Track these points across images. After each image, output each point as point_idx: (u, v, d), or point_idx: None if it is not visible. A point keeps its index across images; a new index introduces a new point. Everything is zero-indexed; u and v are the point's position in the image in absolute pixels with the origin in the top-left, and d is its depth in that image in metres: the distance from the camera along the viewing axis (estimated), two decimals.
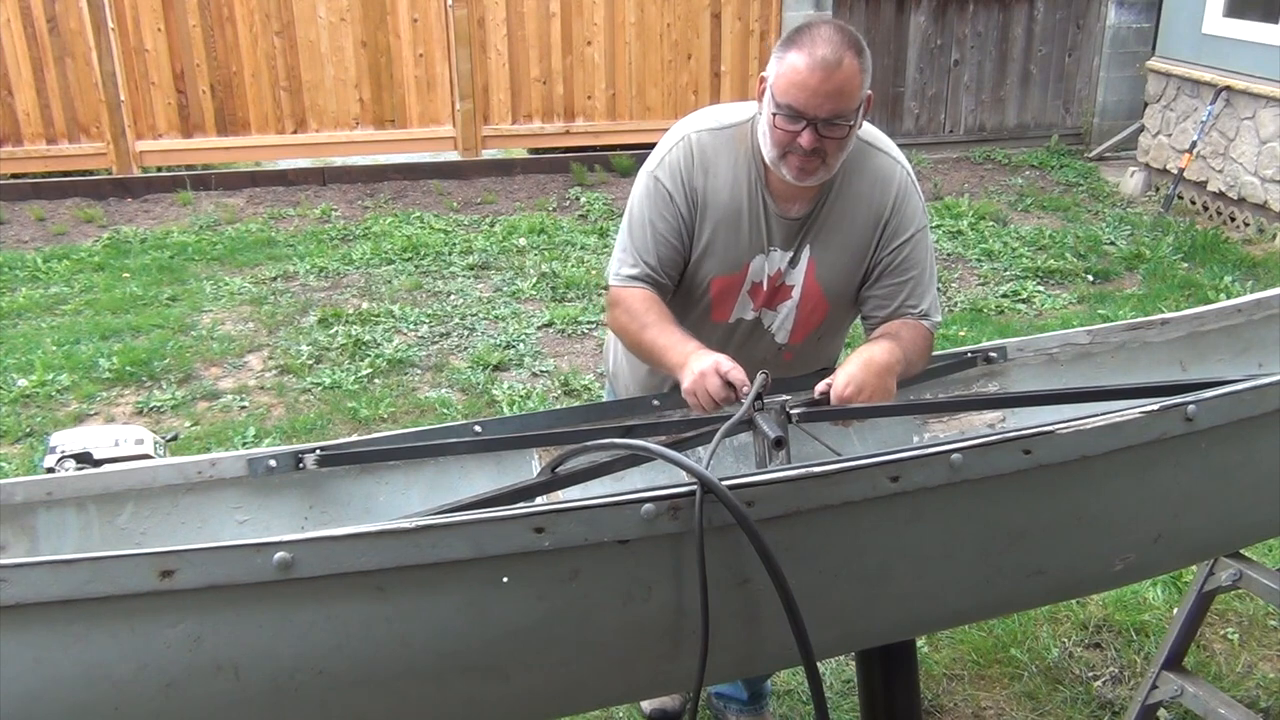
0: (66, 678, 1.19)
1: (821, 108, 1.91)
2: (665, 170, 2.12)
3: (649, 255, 2.12)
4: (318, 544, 1.22)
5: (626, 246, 2.16)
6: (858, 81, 1.94)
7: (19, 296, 5.76)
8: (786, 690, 2.89)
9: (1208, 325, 2.50)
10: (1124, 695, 2.83)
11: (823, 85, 1.90)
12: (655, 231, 2.12)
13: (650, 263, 2.12)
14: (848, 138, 1.99)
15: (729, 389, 1.90)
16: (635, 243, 2.14)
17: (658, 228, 2.12)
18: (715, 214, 2.11)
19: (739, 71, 8.39)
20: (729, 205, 2.11)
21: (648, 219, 2.12)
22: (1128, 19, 8.74)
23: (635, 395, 2.37)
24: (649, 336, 2.08)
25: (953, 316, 5.47)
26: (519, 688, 1.39)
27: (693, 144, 2.11)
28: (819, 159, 1.98)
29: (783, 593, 1.34)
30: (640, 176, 2.18)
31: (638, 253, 2.13)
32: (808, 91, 1.91)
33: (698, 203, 2.11)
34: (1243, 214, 7.04)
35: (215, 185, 7.76)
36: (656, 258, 2.12)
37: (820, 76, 1.90)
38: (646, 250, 2.12)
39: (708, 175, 2.10)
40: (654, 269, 2.13)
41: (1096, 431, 1.52)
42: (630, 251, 2.15)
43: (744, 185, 2.10)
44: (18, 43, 7.26)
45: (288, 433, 4.31)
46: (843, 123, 1.94)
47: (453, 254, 6.45)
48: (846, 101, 1.93)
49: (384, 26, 7.83)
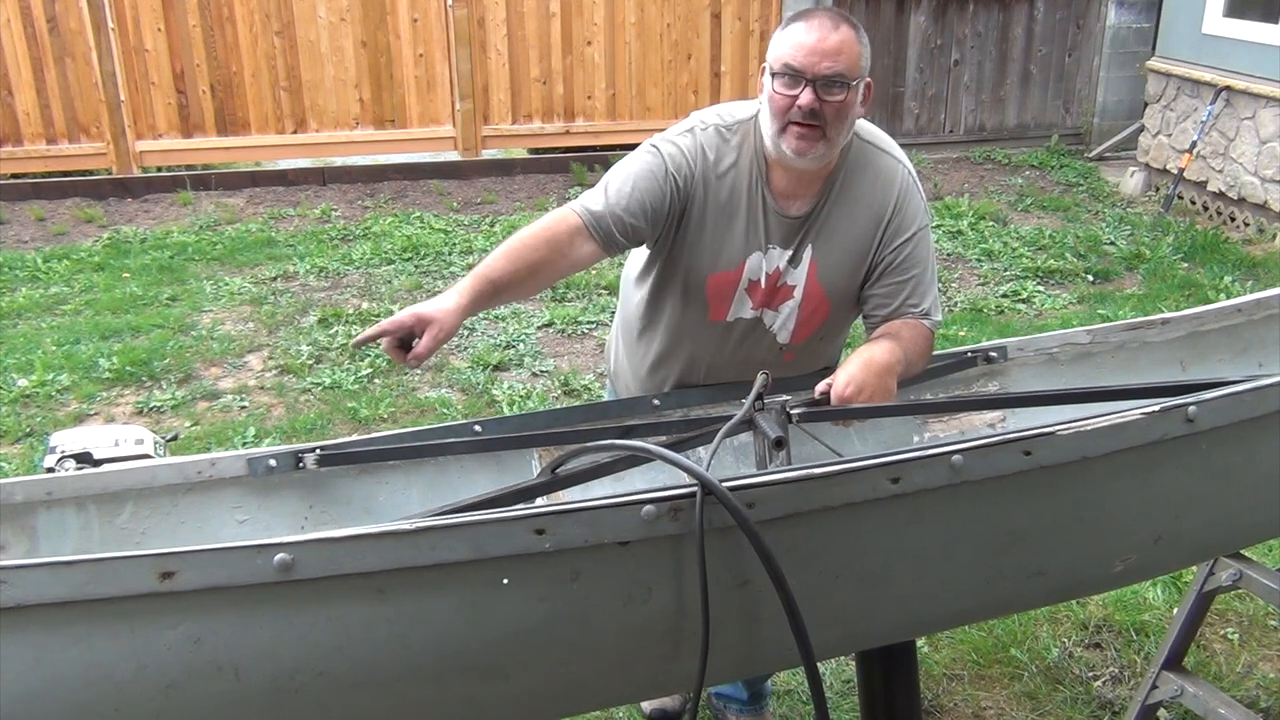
0: (66, 678, 1.19)
1: (820, 65, 1.94)
2: (668, 148, 2.10)
3: (618, 206, 2.05)
4: (318, 545, 1.22)
5: (600, 190, 2.09)
6: (856, 51, 1.97)
7: (19, 296, 5.76)
8: (786, 690, 2.89)
9: (1208, 325, 2.50)
10: (1124, 695, 2.83)
11: (820, 44, 1.94)
12: (635, 189, 2.07)
13: (616, 212, 2.05)
14: (845, 107, 1.98)
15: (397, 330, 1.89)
16: (610, 190, 2.07)
17: (637, 187, 2.06)
18: (713, 208, 2.10)
19: (739, 71, 8.39)
20: (727, 200, 2.11)
21: (632, 177, 2.08)
22: (1128, 19, 8.74)
23: (635, 395, 2.37)
24: (496, 250, 2.05)
25: (953, 316, 5.47)
26: (519, 688, 1.39)
27: (699, 136, 2.11)
28: (819, 131, 1.97)
29: (783, 594, 1.34)
30: (643, 144, 2.15)
31: (608, 198, 2.06)
32: (805, 50, 1.95)
33: (693, 193, 2.09)
34: (1243, 214, 7.04)
35: (215, 185, 7.75)
36: (625, 209, 2.06)
37: (818, 36, 1.95)
38: (619, 201, 2.06)
39: (710, 167, 2.10)
40: (615, 217, 2.05)
41: (1097, 432, 1.52)
42: (601, 194, 2.08)
43: (744, 181, 2.10)
44: (18, 43, 7.25)
45: (288, 433, 4.31)
46: (842, 83, 1.95)
47: (453, 254, 6.45)
48: (845, 63, 1.95)
49: (384, 26, 7.83)
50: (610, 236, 2.05)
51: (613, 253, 2.12)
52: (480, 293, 1.98)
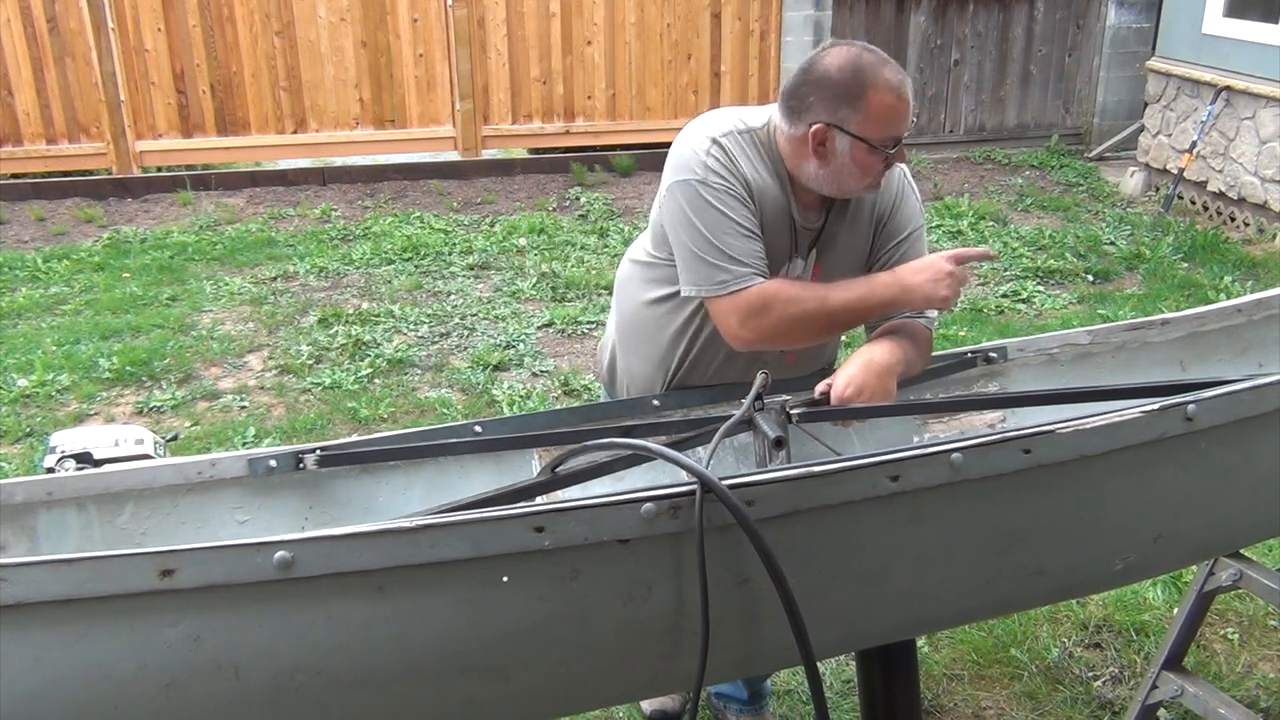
0: (66, 677, 1.19)
1: (905, 128, 2.00)
2: (712, 173, 1.99)
3: (746, 255, 1.97)
4: (318, 543, 1.22)
5: (711, 261, 1.96)
6: None
7: (19, 296, 5.76)
8: (786, 690, 2.89)
9: (1208, 325, 2.50)
10: (1124, 695, 2.83)
11: (907, 108, 1.98)
12: (736, 228, 1.98)
13: (753, 261, 1.98)
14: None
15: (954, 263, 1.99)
16: (730, 247, 1.96)
17: (735, 222, 1.97)
18: (765, 215, 2.06)
19: (739, 71, 8.39)
20: (773, 208, 2.06)
21: (721, 217, 1.97)
22: (1128, 19, 8.74)
23: (635, 394, 2.37)
24: (836, 300, 1.99)
25: (953, 316, 5.47)
26: (519, 688, 1.39)
27: (726, 146, 2.03)
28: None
29: (783, 592, 1.34)
30: (675, 194, 2.03)
31: (732, 256, 1.96)
32: (902, 115, 1.98)
33: (754, 196, 2.04)
34: (1243, 214, 7.04)
35: (215, 185, 7.76)
36: (755, 247, 1.99)
37: (908, 99, 1.98)
38: (746, 245, 1.97)
39: (751, 174, 2.04)
40: (758, 261, 1.98)
41: (1096, 431, 1.52)
42: (722, 258, 1.95)
43: (779, 191, 2.07)
44: (18, 43, 7.26)
45: (288, 433, 4.31)
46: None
47: (453, 254, 6.45)
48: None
49: (384, 26, 7.83)
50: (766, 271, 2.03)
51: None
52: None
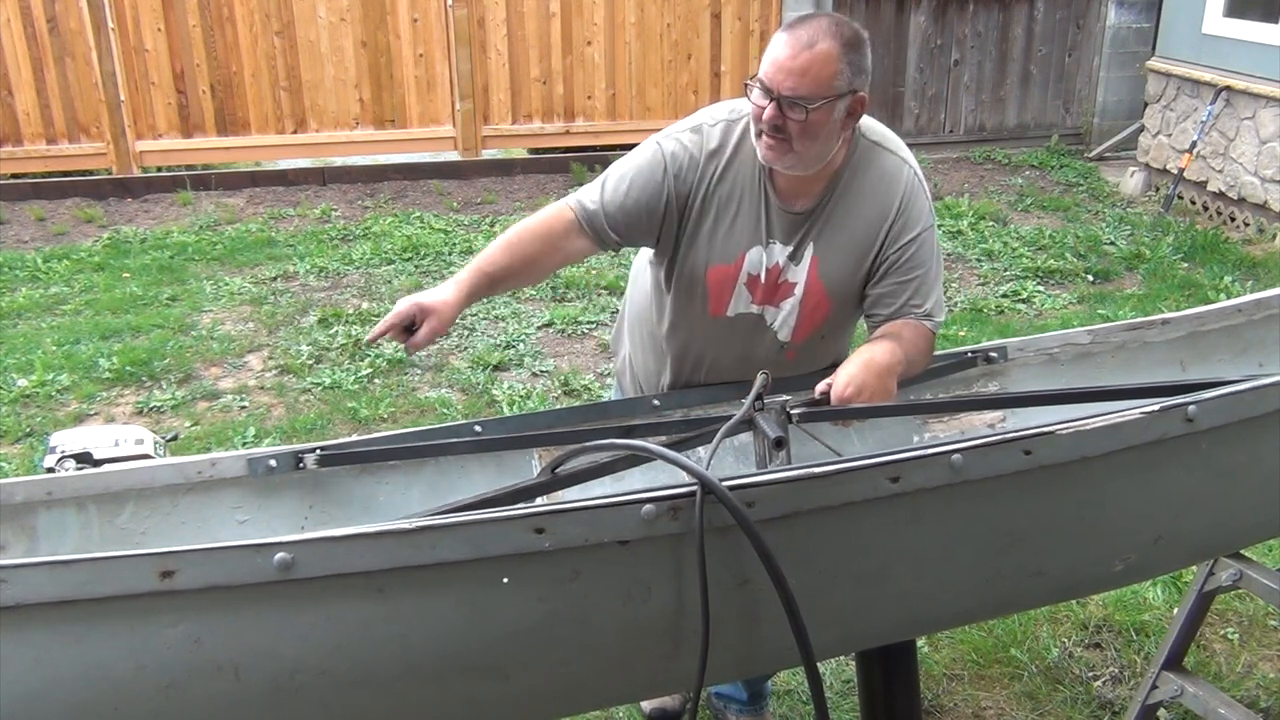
0: (66, 678, 1.19)
1: (783, 84, 1.92)
2: (671, 145, 2.11)
3: (612, 205, 2.10)
4: (318, 544, 1.22)
5: (599, 185, 2.14)
6: (830, 70, 1.92)
7: (19, 296, 5.76)
8: (786, 690, 2.89)
9: (1208, 325, 2.50)
10: (1124, 695, 2.83)
11: (788, 62, 1.92)
12: (631, 187, 2.10)
13: (610, 210, 2.10)
14: (810, 125, 1.95)
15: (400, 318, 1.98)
16: (607, 187, 2.12)
17: (634, 185, 2.10)
18: (715, 202, 2.12)
19: (739, 71, 8.38)
20: (729, 194, 2.12)
21: (629, 175, 2.11)
22: (1128, 19, 8.74)
23: (640, 384, 2.40)
24: (494, 242, 2.14)
25: (953, 316, 5.47)
26: (519, 688, 1.39)
27: (706, 132, 2.13)
28: (786, 143, 1.97)
29: (783, 593, 1.34)
30: (649, 139, 2.16)
31: (603, 196, 2.11)
32: (774, 65, 1.94)
33: (695, 188, 2.11)
34: (1243, 214, 7.04)
35: (215, 185, 7.75)
36: (619, 207, 2.10)
37: (789, 54, 1.92)
38: (613, 200, 2.11)
39: (714, 162, 2.11)
40: (609, 215, 2.10)
41: (1097, 432, 1.52)
42: (599, 190, 2.12)
43: (747, 175, 2.11)
44: (18, 43, 7.25)
45: (288, 433, 4.31)
46: (801, 105, 1.92)
47: (453, 254, 6.45)
48: (809, 86, 1.92)
49: (384, 26, 7.83)
50: (603, 233, 2.11)
51: (608, 248, 2.16)
52: (477, 285, 2.09)
